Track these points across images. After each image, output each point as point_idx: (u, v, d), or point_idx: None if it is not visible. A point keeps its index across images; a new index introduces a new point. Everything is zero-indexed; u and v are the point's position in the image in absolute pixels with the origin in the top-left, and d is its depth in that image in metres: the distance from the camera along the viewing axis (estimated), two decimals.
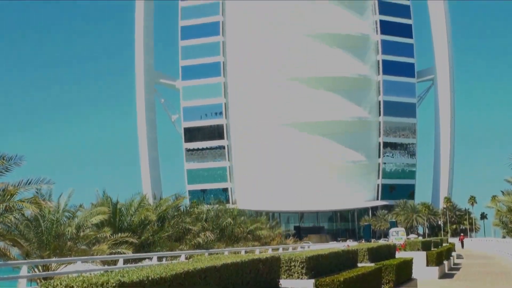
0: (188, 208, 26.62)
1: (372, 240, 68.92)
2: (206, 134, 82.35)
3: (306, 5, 79.58)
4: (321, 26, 79.51)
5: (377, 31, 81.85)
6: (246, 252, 21.39)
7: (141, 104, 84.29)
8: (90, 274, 5.96)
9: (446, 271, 27.03)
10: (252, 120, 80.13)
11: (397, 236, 49.85)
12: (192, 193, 76.18)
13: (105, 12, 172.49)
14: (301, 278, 10.72)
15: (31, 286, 13.47)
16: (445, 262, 28.04)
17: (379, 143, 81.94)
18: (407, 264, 18.74)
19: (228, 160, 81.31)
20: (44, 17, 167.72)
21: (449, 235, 75.78)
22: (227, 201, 73.21)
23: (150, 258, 16.79)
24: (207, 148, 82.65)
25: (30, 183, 13.95)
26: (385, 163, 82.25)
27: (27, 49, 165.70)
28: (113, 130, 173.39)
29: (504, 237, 38.30)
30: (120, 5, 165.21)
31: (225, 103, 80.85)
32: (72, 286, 5.33)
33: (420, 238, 57.93)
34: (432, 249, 28.38)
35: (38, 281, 13.26)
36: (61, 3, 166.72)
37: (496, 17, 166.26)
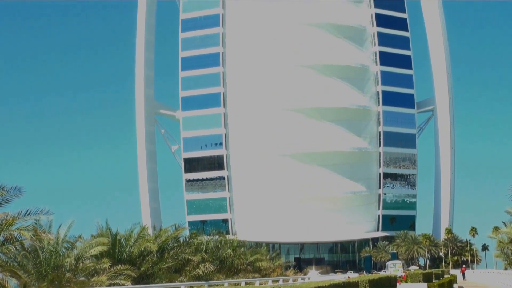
0: (187, 239, 26.51)
1: (373, 272, 68.52)
2: (206, 164, 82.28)
3: (306, 36, 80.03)
4: (321, 57, 79.90)
5: (376, 62, 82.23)
6: (246, 283, 21.24)
7: (141, 135, 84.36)
8: None
9: None
10: (252, 151, 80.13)
11: (394, 268, 49.59)
12: (191, 224, 75.92)
13: (106, 43, 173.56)
14: None
15: None
16: None
17: (379, 173, 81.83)
18: None
19: (228, 191, 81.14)
20: (45, 46, 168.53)
21: (450, 266, 75.24)
22: (227, 232, 72.92)
23: None
24: (207, 179, 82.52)
25: (29, 213, 13.89)
26: (385, 194, 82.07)
27: (27, 79, 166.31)
28: (113, 161, 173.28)
29: (506, 268, 38.02)
30: (121, 36, 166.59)
31: (225, 134, 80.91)
32: None
33: (421, 269, 57.61)
34: (433, 281, 28.23)
35: None
36: (63, 33, 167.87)
37: (496, 48, 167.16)
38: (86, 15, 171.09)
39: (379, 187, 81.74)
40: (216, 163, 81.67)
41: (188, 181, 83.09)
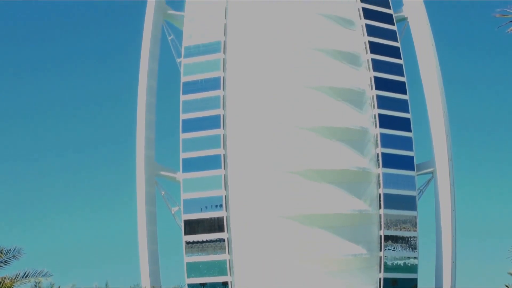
0: None
1: None
2: (206, 226, 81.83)
3: (305, 98, 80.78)
4: (320, 119, 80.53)
5: (376, 124, 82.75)
6: None
7: (141, 197, 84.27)
8: None
9: None
10: (252, 213, 79.88)
11: None
12: (191, 286, 75.25)
13: (107, 105, 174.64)
14: None
15: None
16: None
17: (380, 236, 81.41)
18: None
19: (228, 253, 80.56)
20: (42, 117, 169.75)
21: None
22: None
23: None
24: (207, 241, 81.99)
25: (27, 276, 13.88)
26: (386, 257, 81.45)
27: (28, 139, 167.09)
28: (112, 223, 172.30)
29: None
30: (122, 97, 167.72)
31: (225, 196, 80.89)
32: None
33: None
34: None
35: None
36: (65, 100, 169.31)
37: (496, 110, 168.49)
38: (88, 74, 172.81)
39: (380, 250, 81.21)
40: (216, 225, 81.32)
41: (188, 243, 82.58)
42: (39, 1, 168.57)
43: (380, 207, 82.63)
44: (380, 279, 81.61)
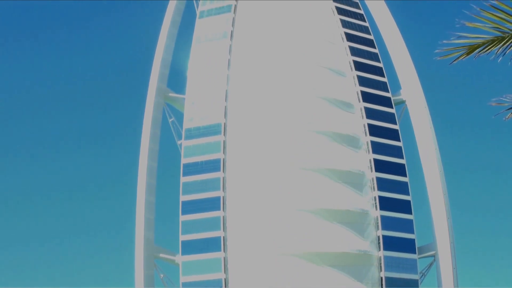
0: None
1: None
2: None
3: (305, 181, 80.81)
4: (319, 202, 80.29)
5: (376, 207, 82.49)
6: None
7: (139, 279, 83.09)
8: None
9: None
10: None
11: None
12: None
13: (107, 186, 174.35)
14: None
15: None
16: None
17: None
18: None
19: None
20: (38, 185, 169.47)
21: None
22: None
23: None
24: None
25: None
26: None
27: (25, 220, 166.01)
28: None
29: None
30: (122, 180, 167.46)
31: (224, 279, 79.85)
32: None
33: None
34: None
35: None
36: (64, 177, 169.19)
37: (497, 192, 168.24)
38: (89, 155, 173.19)
39: None
40: None
41: None
42: (41, 79, 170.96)
43: None
44: None
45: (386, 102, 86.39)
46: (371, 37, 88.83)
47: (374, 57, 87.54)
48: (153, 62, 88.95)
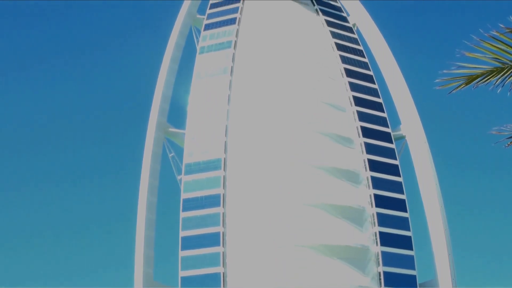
0: None
1: None
2: None
3: (305, 216, 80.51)
4: (319, 237, 79.90)
5: (376, 242, 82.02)
6: None
7: None
8: None
9: None
10: None
11: None
12: None
13: (106, 222, 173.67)
14: None
15: None
16: None
17: None
18: None
19: None
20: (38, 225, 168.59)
21: None
22: None
23: None
24: None
25: None
26: None
27: (24, 262, 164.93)
28: None
29: None
30: (122, 215, 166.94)
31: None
32: None
33: None
34: None
35: None
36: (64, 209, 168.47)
37: (497, 227, 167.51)
38: (88, 191, 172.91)
39: None
40: None
41: None
42: (41, 114, 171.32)
43: None
44: None
45: (386, 137, 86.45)
46: (371, 72, 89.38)
47: (373, 92, 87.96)
48: (153, 97, 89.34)
